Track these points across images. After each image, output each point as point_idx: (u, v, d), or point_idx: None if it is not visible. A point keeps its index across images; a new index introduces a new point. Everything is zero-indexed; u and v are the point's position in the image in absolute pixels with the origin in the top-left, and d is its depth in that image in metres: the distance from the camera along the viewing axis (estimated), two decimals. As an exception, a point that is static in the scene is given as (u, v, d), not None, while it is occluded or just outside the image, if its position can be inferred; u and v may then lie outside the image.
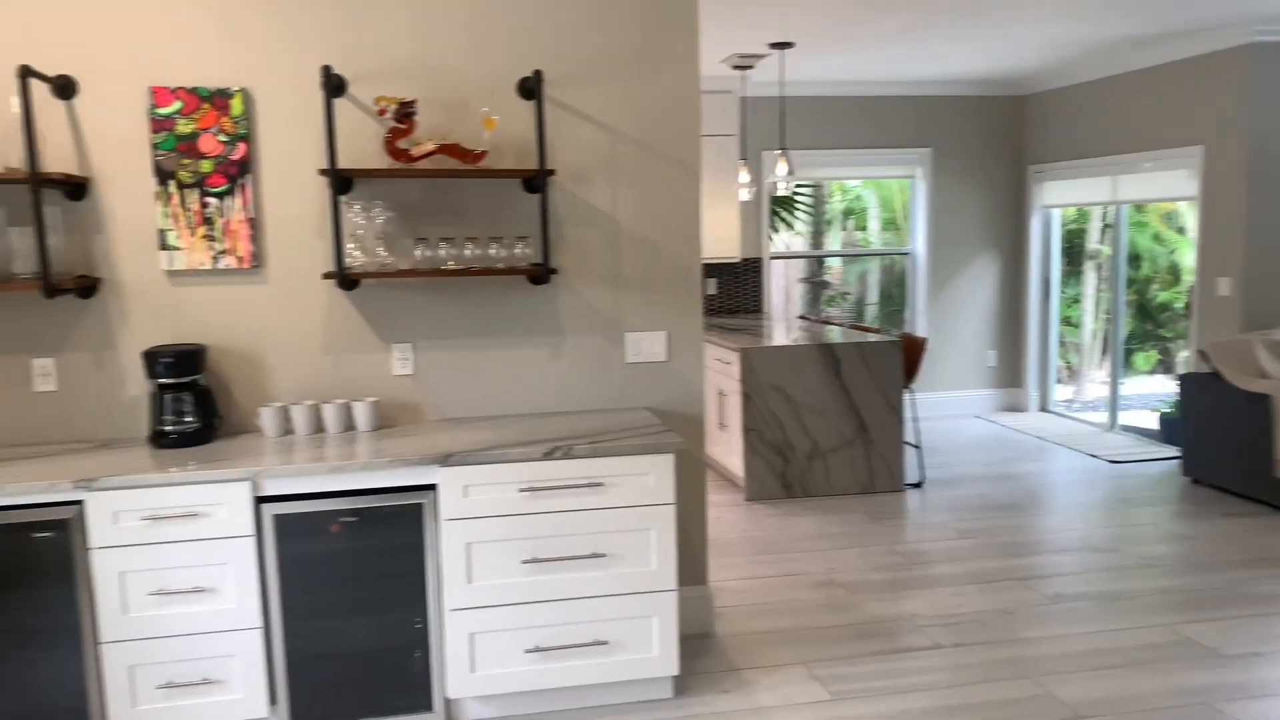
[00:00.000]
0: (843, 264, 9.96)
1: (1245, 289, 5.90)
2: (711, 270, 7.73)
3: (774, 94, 7.60)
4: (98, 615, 2.66)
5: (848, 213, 10.88)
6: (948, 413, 8.12)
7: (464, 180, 3.32)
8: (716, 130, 7.24)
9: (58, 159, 3.05)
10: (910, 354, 5.99)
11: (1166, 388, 9.83)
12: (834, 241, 10.76)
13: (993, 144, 8.01)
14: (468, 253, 3.23)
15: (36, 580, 2.62)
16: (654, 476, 2.98)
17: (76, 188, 3.05)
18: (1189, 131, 6.24)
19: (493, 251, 3.25)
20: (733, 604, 4.06)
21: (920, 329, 8.11)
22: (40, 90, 2.98)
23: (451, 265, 3.23)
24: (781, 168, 6.06)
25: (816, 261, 9.23)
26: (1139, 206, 7.56)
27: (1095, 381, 10.30)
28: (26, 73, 2.76)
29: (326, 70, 3.01)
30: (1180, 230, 10.32)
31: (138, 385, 3.15)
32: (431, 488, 2.87)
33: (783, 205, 8.27)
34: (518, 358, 3.45)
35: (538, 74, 3.16)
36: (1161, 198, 6.75)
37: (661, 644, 3.05)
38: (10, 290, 2.89)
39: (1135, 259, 9.79)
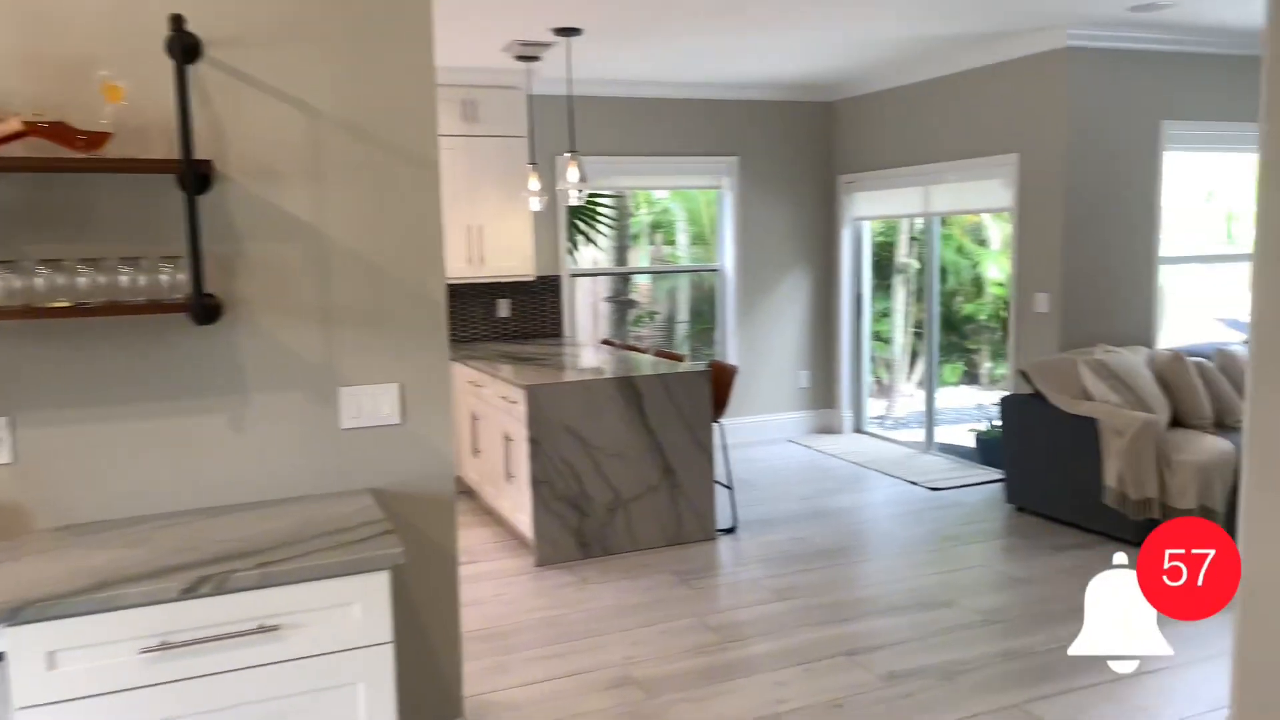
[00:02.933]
0: (652, 281, 9.32)
1: (1064, 305, 5.57)
2: (503, 290, 6.84)
3: (565, 91, 6.80)
4: None
5: (655, 226, 10.27)
6: (760, 438, 7.56)
7: (88, 177, 2.29)
8: (503, 131, 6.37)
9: None
10: (719, 384, 5.30)
11: (975, 399, 9.74)
12: (642, 257, 10.11)
13: (802, 153, 7.53)
14: (83, 281, 2.21)
15: None
16: (361, 606, 2.06)
17: None
18: (1004, 139, 5.90)
19: (124, 280, 2.24)
20: (506, 725, 3.18)
21: (731, 350, 7.52)
22: None
23: (63, 301, 2.20)
24: (572, 173, 5.26)
25: (622, 279, 8.52)
26: (945, 219, 7.25)
27: (906, 396, 10.11)
28: None
29: None
30: (982, 243, 10.32)
31: None
32: (-4, 655, 1.84)
33: (582, 217, 7.49)
34: (179, 429, 2.44)
35: (177, 23, 2.19)
36: (976, 209, 6.42)
37: (382, 839, 2.13)
38: None
39: (940, 272, 9.63)
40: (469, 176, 6.34)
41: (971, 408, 9.59)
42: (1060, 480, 5.03)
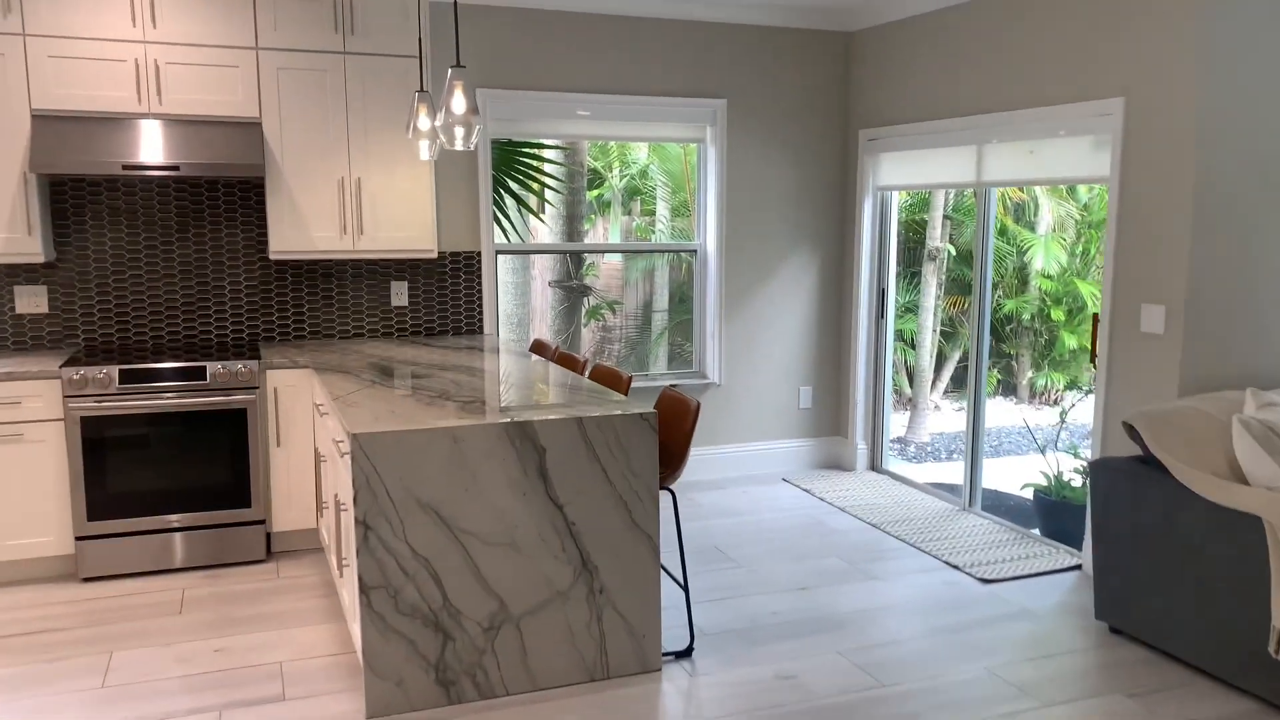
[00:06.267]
0: (624, 261, 7.53)
1: (1188, 325, 3.76)
2: (400, 269, 5.04)
3: None
4: None
5: (632, 192, 8.46)
6: (745, 475, 5.78)
7: None
8: (394, 48, 4.56)
9: None
10: (672, 430, 3.52)
11: (1020, 417, 7.95)
12: (613, 231, 8.30)
13: (811, 98, 5.70)
14: None
15: None
16: None
17: None
18: (1101, 79, 4.07)
19: None
20: None
21: (710, 357, 5.72)
22: None
23: None
24: (458, 101, 3.43)
25: (574, 259, 6.71)
26: (977, 192, 5.42)
27: (931, 409, 8.32)
28: None
29: None
30: (1030, 226, 8.48)
31: None
32: None
33: (515, 174, 5.68)
34: None
35: None
36: (1053, 178, 4.59)
37: None
38: None
39: (971, 259, 7.95)
40: (343, 111, 4.53)
41: (1014, 430, 7.82)
42: (1190, 601, 3.26)
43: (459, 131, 3.52)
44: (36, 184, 4.19)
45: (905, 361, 8.16)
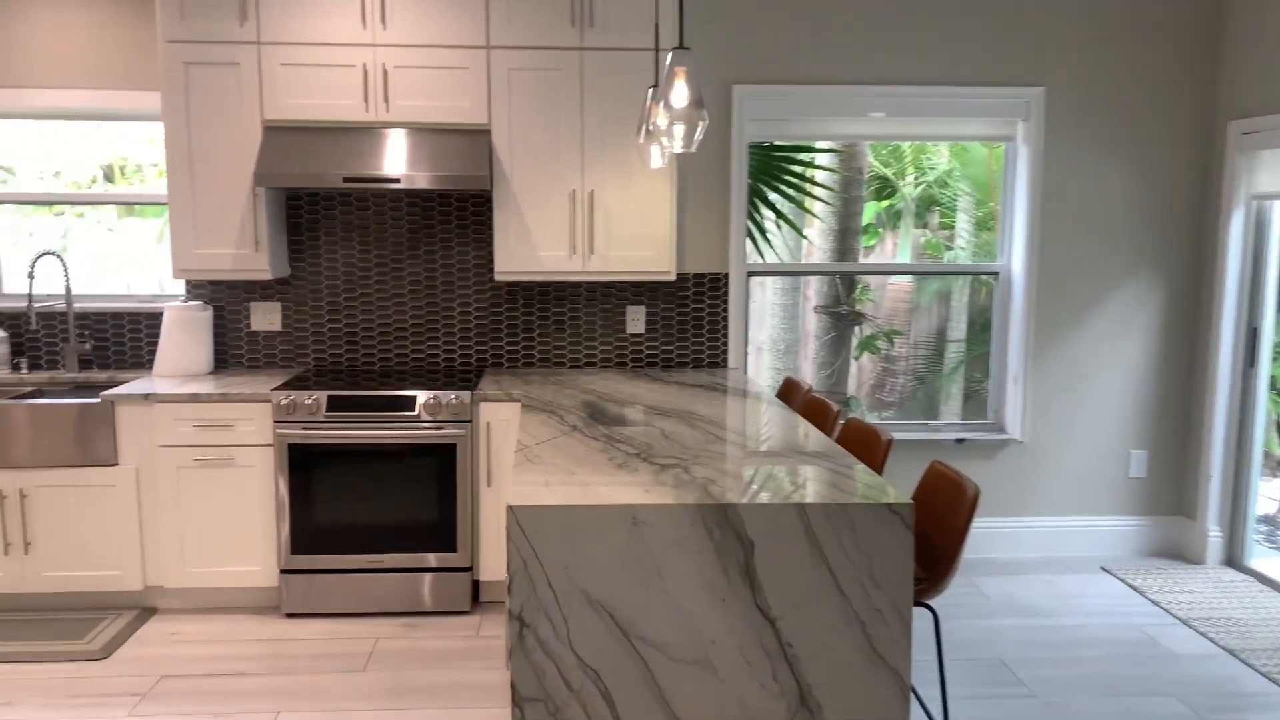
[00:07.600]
0: (915, 283, 6.52)
1: None
2: (637, 292, 4.47)
3: (753, -18, 4.28)
4: None
5: (928, 202, 7.41)
6: (1053, 557, 4.63)
7: None
8: (637, 40, 4.01)
9: None
10: (938, 523, 2.61)
11: None
12: (903, 248, 7.28)
13: (1159, 83, 4.46)
14: None
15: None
16: None
17: None
18: None
19: None
20: None
21: (1010, 405, 4.64)
22: None
23: None
24: (679, 93, 2.75)
25: (844, 281, 5.81)
26: None
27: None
28: None
29: None
30: None
31: None
32: None
33: (777, 183, 4.93)
34: None
35: None
36: None
37: None
38: None
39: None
40: (576, 115, 4.03)
41: None
42: None
43: (679, 130, 2.86)
44: (266, 198, 4.04)
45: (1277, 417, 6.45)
